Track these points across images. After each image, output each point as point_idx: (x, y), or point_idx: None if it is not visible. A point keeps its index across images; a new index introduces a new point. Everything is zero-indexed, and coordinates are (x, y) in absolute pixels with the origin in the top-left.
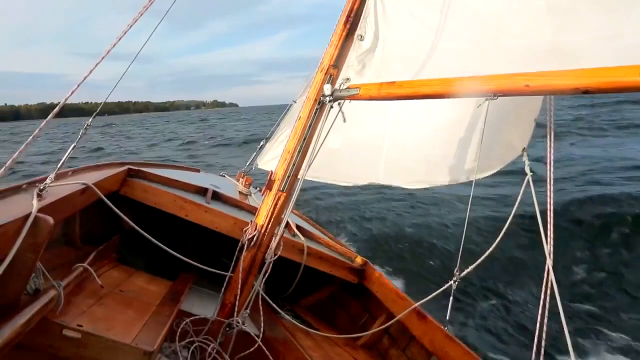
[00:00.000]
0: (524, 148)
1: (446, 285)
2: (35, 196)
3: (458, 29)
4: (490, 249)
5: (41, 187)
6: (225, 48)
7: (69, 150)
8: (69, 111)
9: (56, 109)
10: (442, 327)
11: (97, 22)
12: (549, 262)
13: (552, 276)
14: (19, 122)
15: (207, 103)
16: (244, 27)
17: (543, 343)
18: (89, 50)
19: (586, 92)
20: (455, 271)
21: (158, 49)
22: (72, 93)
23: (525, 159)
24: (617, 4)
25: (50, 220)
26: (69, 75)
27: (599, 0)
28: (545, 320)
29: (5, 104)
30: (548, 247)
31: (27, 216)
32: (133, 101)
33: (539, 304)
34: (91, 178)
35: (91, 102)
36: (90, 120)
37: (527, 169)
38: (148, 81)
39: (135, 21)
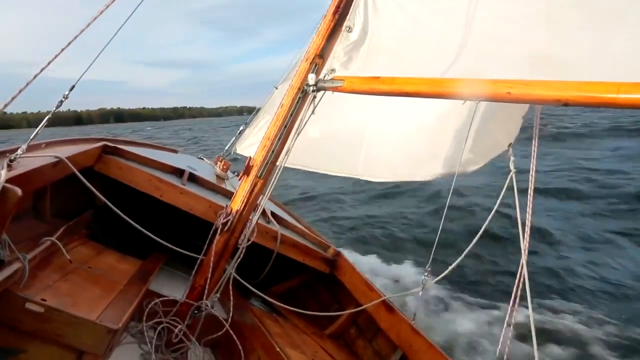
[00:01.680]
0: (510, 144)
1: (416, 290)
2: (4, 166)
3: (448, 28)
4: (466, 250)
5: (12, 158)
6: (278, 55)
7: (43, 121)
8: (129, 116)
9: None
10: (409, 320)
11: (154, 30)
12: (524, 259)
13: (525, 272)
14: (80, 127)
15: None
16: (295, 35)
17: (508, 342)
18: (144, 58)
19: (566, 104)
20: (427, 267)
21: (213, 56)
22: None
23: (510, 154)
24: (606, 21)
25: (19, 191)
26: (128, 82)
27: (589, 15)
28: (513, 319)
29: (69, 110)
30: (524, 244)
31: None
32: (188, 107)
33: (509, 301)
34: (65, 152)
35: (148, 108)
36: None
37: (511, 165)
38: (203, 88)
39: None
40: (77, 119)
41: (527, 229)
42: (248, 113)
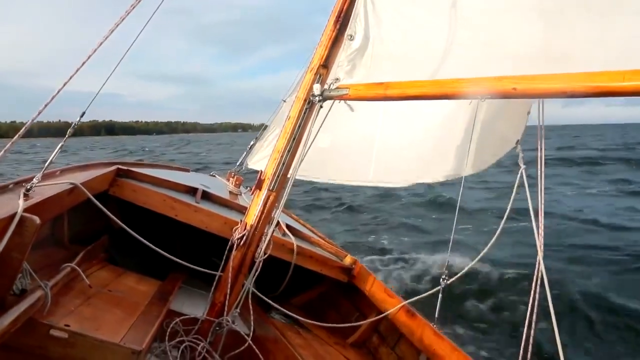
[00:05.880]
0: (518, 140)
1: (435, 289)
2: (21, 196)
3: (449, 30)
4: (484, 251)
5: (28, 187)
6: (275, 73)
7: (56, 150)
8: (120, 129)
9: (23, 129)
10: (431, 324)
11: (157, 43)
12: (540, 255)
13: (542, 268)
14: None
15: (254, 125)
16: (295, 52)
17: (531, 340)
18: (142, 72)
19: (572, 96)
20: (444, 269)
21: (212, 72)
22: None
23: (519, 151)
24: (605, 11)
25: (37, 219)
26: (124, 96)
27: (589, 6)
28: (535, 316)
29: (59, 120)
30: (539, 240)
31: (12, 216)
32: (182, 122)
33: (529, 297)
34: (79, 178)
35: (141, 121)
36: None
37: (520, 162)
38: (199, 103)
39: (122, 19)
40: (67, 129)
41: (541, 224)
42: (243, 130)
